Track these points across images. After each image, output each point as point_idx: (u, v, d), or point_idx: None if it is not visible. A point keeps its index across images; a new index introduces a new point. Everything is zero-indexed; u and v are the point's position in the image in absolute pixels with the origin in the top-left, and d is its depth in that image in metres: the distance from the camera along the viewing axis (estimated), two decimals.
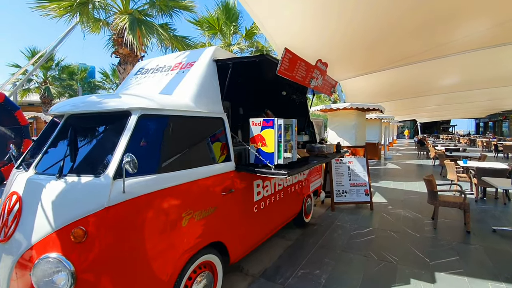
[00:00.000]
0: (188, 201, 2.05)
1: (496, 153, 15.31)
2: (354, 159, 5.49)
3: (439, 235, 3.94)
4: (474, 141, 23.24)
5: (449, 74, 8.35)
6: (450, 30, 4.53)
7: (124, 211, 1.70)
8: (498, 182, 3.98)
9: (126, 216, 1.71)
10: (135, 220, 1.73)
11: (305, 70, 3.19)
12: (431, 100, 13.88)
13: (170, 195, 1.93)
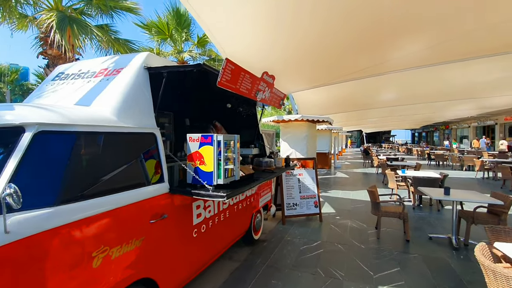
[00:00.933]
0: (102, 236, 1.70)
1: (429, 161, 17.12)
2: (304, 171, 5.51)
3: (382, 245, 4.06)
4: (411, 150, 25.80)
5: (389, 89, 9.09)
6: (389, 50, 4.85)
7: (8, 257, 1.30)
8: (432, 192, 4.28)
9: (11, 263, 1.31)
10: (25, 268, 1.34)
11: (250, 82, 3.05)
12: (374, 112, 15.05)
13: (76, 231, 1.56)
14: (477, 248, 2.06)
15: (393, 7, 3.11)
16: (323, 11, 3.19)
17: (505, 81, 7.69)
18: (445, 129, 34.54)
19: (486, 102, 12.62)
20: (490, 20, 3.48)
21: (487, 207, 4.10)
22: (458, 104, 13.02)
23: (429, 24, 3.66)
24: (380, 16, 3.33)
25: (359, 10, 3.17)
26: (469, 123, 27.12)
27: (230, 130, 4.42)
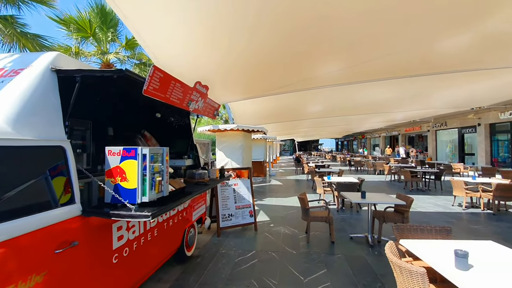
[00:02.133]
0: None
1: (350, 167, 19.22)
2: (240, 181, 5.53)
3: (311, 249, 4.31)
4: (335, 157, 28.60)
5: (316, 103, 9.94)
6: (313, 69, 5.31)
7: None
8: (352, 196, 4.78)
9: None
10: None
11: (181, 92, 2.92)
12: (304, 123, 16.28)
13: None
14: (387, 246, 2.34)
15: (315, 35, 3.41)
16: (259, 32, 3.30)
17: (402, 99, 9.24)
18: (362, 138, 39.49)
19: (391, 116, 14.96)
20: (384, 51, 4.12)
21: (394, 207, 4.76)
22: (370, 117, 15.09)
23: (342, 51, 4.14)
24: (306, 40, 3.61)
25: (288, 34, 3.38)
26: (380, 134, 31.63)
27: (161, 140, 4.15)
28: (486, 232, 5.09)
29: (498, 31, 3.49)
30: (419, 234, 2.94)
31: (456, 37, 3.70)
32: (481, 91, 8.08)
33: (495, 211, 6.42)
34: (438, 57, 4.52)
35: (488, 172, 10.45)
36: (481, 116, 16.29)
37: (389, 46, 3.93)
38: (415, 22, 3.17)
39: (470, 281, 1.75)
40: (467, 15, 3.06)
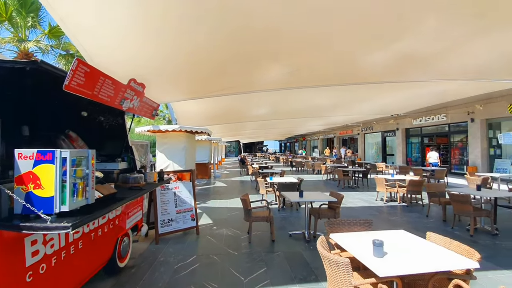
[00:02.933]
0: None
1: (291, 167, 20.23)
2: (181, 184, 5.34)
3: (253, 249, 4.40)
4: (279, 158, 29.76)
5: (259, 105, 10.20)
6: (256, 72, 5.45)
7: None
8: (291, 195, 5.03)
9: None
10: None
11: (113, 89, 2.70)
12: (249, 125, 16.58)
13: None
14: (318, 241, 2.53)
15: (260, 41, 3.50)
16: (204, 32, 3.22)
17: (337, 105, 10.13)
18: (303, 140, 41.98)
19: (328, 120, 16.27)
20: (323, 60, 4.48)
21: (327, 204, 5.18)
22: (310, 121, 16.16)
23: (286, 57, 4.35)
24: (252, 45, 3.67)
25: (233, 37, 3.39)
26: (318, 136, 34.08)
27: (91, 141, 3.75)
28: (401, 222, 5.90)
29: (410, 50, 4.08)
30: (346, 227, 3.24)
31: (379, 53, 4.20)
32: (399, 100, 9.35)
33: (408, 204, 7.50)
34: (366, 70, 5.07)
35: (403, 170, 12.14)
36: (399, 122, 18.84)
37: (327, 56, 4.26)
38: (347, 38, 3.50)
39: (384, 266, 2.01)
40: (387, 35, 3.50)
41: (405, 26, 3.25)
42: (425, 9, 2.78)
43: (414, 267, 2.03)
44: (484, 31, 3.40)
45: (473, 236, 4.87)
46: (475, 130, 13.28)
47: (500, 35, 3.53)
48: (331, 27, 3.12)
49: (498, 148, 12.68)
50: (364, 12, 2.76)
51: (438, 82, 6.20)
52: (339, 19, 2.89)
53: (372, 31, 3.29)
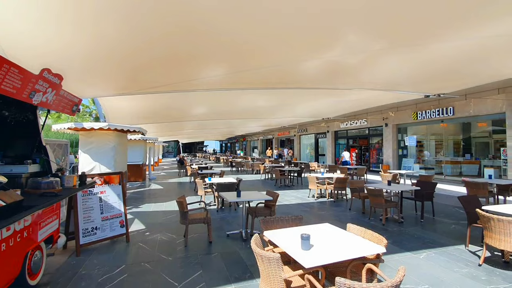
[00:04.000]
0: None
1: (231, 167, 20.33)
2: (108, 188, 4.87)
3: (189, 252, 4.28)
4: (219, 158, 29.61)
5: (199, 105, 9.99)
6: (195, 71, 5.31)
7: None
8: (229, 195, 5.06)
9: None
10: None
11: (20, 79, 2.30)
12: (189, 124, 16.08)
13: None
14: (252, 239, 2.60)
15: (198, 40, 3.42)
16: (139, 24, 2.98)
17: (275, 107, 10.60)
18: (243, 141, 42.64)
19: (267, 121, 16.89)
20: (262, 64, 4.65)
21: (264, 203, 5.37)
22: (250, 122, 16.52)
23: (225, 59, 4.36)
24: (190, 42, 3.55)
25: (171, 32, 3.23)
26: (258, 137, 35.06)
27: None
28: (329, 215, 6.50)
29: (337, 61, 4.52)
30: (280, 224, 3.42)
31: (312, 61, 4.54)
32: (329, 105, 10.26)
33: (335, 199, 8.30)
34: (301, 76, 5.41)
35: (332, 169, 13.38)
36: (329, 125, 20.68)
37: (266, 60, 4.40)
38: (283, 46, 3.68)
39: (310, 258, 2.18)
40: (318, 46, 3.80)
41: (332, 39, 3.59)
42: (346, 26, 3.11)
43: (335, 257, 2.26)
44: (391, 50, 3.99)
45: (385, 224, 5.66)
46: (388, 134, 15.45)
47: (403, 55, 4.19)
48: (268, 35, 3.24)
49: (405, 149, 15.01)
50: (299, 24, 2.95)
51: (360, 90, 7.03)
52: (275, 29, 3.03)
53: (305, 42, 3.53)
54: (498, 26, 3.12)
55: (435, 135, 14.75)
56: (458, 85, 6.77)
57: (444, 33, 3.35)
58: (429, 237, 4.91)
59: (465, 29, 3.23)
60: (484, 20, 2.98)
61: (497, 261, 3.81)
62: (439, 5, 2.62)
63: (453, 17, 2.91)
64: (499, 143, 11.58)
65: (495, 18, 2.94)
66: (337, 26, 3.06)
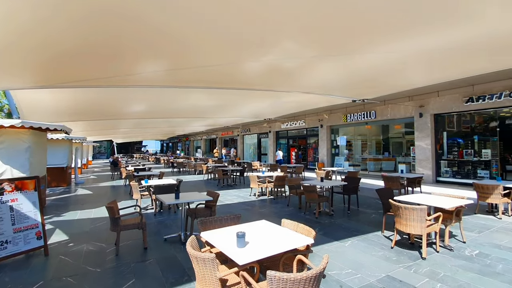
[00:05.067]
0: None
1: (173, 168, 19.50)
2: (21, 195, 4.20)
3: (121, 261, 3.97)
4: (159, 159, 28.12)
5: (137, 102, 9.30)
6: (132, 64, 4.94)
7: None
8: (167, 198, 4.86)
9: None
10: None
11: None
12: (124, 123, 14.85)
13: None
14: (188, 241, 2.56)
15: (124, 32, 3.19)
16: (62, 7, 2.61)
17: (218, 107, 10.55)
18: (186, 140, 41.31)
19: (210, 121, 16.68)
20: (203, 63, 4.59)
21: (204, 203, 5.31)
22: (193, 121, 16.09)
23: (164, 54, 4.16)
24: (117, 35, 3.29)
25: (100, 20, 2.94)
26: (202, 136, 34.38)
27: None
28: (269, 212, 6.77)
29: (275, 64, 4.73)
30: (218, 224, 3.43)
31: (251, 63, 4.65)
32: (270, 106, 10.66)
33: (275, 196, 8.68)
34: (242, 76, 5.49)
35: (273, 168, 13.94)
36: (271, 125, 21.47)
37: (207, 59, 4.33)
38: (225, 46, 3.68)
39: (244, 255, 2.25)
40: (256, 50, 3.92)
41: (269, 45, 3.75)
42: (281, 34, 3.29)
43: (268, 251, 2.38)
44: (323, 58, 4.36)
45: (318, 217, 6.16)
46: (323, 134, 16.79)
47: (333, 63, 4.62)
48: (210, 35, 3.22)
49: (337, 148, 16.51)
50: (235, 29, 3.00)
51: (298, 93, 7.48)
52: (213, 29, 3.02)
53: (244, 45, 3.61)
54: (407, 44, 3.67)
55: (361, 136, 16.60)
56: (377, 92, 7.75)
57: (365, 47, 3.81)
58: (354, 226, 5.52)
59: (382, 45, 3.73)
60: (396, 38, 3.48)
61: (405, 243, 4.49)
62: (360, 22, 2.97)
63: (372, 33, 3.32)
64: (409, 142, 13.60)
65: (405, 36, 3.46)
66: (272, 33, 3.21)
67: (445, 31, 3.25)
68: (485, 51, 3.98)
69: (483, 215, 6.19)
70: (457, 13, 2.82)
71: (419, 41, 3.55)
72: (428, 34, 3.35)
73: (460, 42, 3.53)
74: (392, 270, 3.56)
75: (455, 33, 3.30)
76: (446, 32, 3.27)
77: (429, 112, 11.41)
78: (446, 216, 4.35)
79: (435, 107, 11.26)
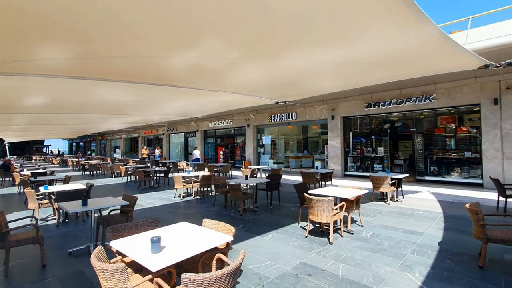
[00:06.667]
0: None
1: (84, 171, 17.14)
2: None
3: (11, 283, 3.29)
4: (66, 161, 24.35)
5: (34, 94, 7.79)
6: (29, 48, 4.10)
7: None
8: (71, 206, 4.24)
9: None
10: None
11: None
12: (18, 118, 12.28)
13: None
14: (94, 252, 2.30)
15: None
16: None
17: (140, 104, 9.74)
18: (101, 139, 36.88)
19: (131, 118, 15.26)
20: (124, 53, 4.15)
21: (120, 209, 4.85)
22: (110, 118, 14.42)
23: (74, 37, 3.60)
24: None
25: None
26: (121, 135, 31.23)
27: None
28: (194, 213, 6.63)
29: (200, 62, 4.62)
30: (133, 230, 3.18)
31: (175, 59, 4.42)
32: (197, 105, 10.41)
33: (201, 196, 8.55)
34: (166, 72, 5.16)
35: (200, 167, 13.70)
36: (199, 124, 21.04)
37: (124, 50, 3.90)
38: (143, 38, 3.40)
39: (158, 261, 2.15)
40: (179, 45, 3.75)
41: (191, 42, 3.65)
42: (202, 32, 3.25)
43: (186, 253, 2.33)
44: (247, 60, 4.49)
45: (242, 214, 6.34)
46: (249, 133, 17.34)
47: (258, 65, 4.80)
48: (119, 24, 2.93)
49: (262, 147, 17.30)
50: (155, 20, 2.82)
51: (225, 93, 7.51)
52: (123, 20, 2.77)
53: (166, 38, 3.41)
54: (319, 54, 4.09)
55: (285, 135, 17.81)
56: (297, 95, 8.43)
57: (283, 53, 4.08)
58: (275, 220, 5.89)
59: (296, 53, 4.06)
60: (308, 49, 3.84)
61: (317, 231, 5.03)
62: (274, 32, 3.16)
63: (288, 41, 3.58)
64: (324, 142, 15.26)
65: (316, 46, 3.84)
66: (194, 30, 3.14)
67: (347, 49, 3.77)
68: (381, 65, 4.76)
69: (377, 202, 7.41)
70: (352, 36, 3.31)
71: (328, 53, 4.01)
72: (334, 49, 3.82)
73: (361, 57, 4.14)
74: (305, 257, 3.94)
75: (355, 51, 3.85)
76: (348, 49, 3.79)
77: (339, 115, 13.02)
78: (348, 205, 5.04)
79: (343, 110, 12.91)
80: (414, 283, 3.16)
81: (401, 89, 10.97)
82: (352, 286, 3.12)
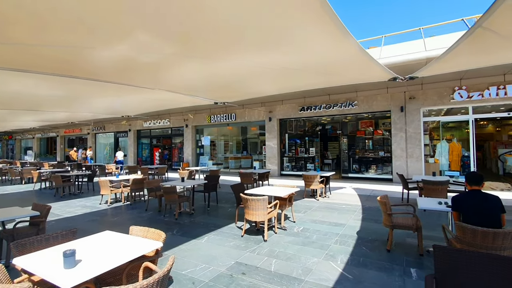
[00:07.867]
0: None
1: None
2: None
3: None
4: None
5: None
6: None
7: None
8: None
9: None
10: None
11: None
12: None
13: None
14: None
15: None
16: None
17: (58, 99, 8.50)
18: (9, 139, 31.11)
19: (46, 115, 13.21)
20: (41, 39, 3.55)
21: (29, 220, 4.16)
22: (21, 115, 12.23)
23: None
24: None
25: None
26: (34, 134, 26.82)
27: None
28: (123, 220, 6.09)
29: (131, 56, 4.26)
30: (44, 244, 2.77)
31: (103, 52, 3.97)
32: (129, 102, 9.60)
33: (132, 202, 7.92)
34: (93, 65, 4.59)
35: (132, 170, 12.69)
36: (131, 123, 19.47)
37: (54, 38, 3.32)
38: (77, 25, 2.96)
39: (71, 276, 1.91)
40: (107, 37, 3.39)
41: (121, 32, 3.35)
42: (133, 22, 3.02)
43: (108, 265, 2.13)
44: (185, 59, 4.33)
45: (178, 218, 6.10)
46: (188, 134, 16.81)
47: (197, 65, 4.68)
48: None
49: (201, 148, 16.96)
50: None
51: (161, 91, 7.11)
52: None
53: (92, 27, 3.05)
54: (258, 58, 4.20)
55: (224, 136, 17.79)
56: (236, 97, 8.53)
57: (221, 54, 4.07)
58: (212, 222, 5.84)
59: (233, 54, 4.10)
60: (245, 50, 3.92)
61: (253, 230, 5.16)
62: (215, 32, 3.14)
63: (226, 44, 3.59)
64: (262, 142, 15.77)
65: (252, 50, 3.94)
66: (127, 20, 2.89)
67: (280, 55, 3.98)
68: (310, 72, 5.14)
69: (308, 198, 8.00)
70: (284, 44, 3.52)
71: (264, 58, 4.16)
72: (270, 54, 3.98)
73: (293, 63, 4.41)
74: (240, 256, 4.00)
75: (287, 57, 4.08)
76: (281, 56, 4.00)
77: (276, 117, 13.63)
78: (282, 203, 5.32)
79: (280, 113, 13.57)
80: (336, 270, 3.51)
81: (329, 95, 12.07)
82: (283, 279, 3.30)
